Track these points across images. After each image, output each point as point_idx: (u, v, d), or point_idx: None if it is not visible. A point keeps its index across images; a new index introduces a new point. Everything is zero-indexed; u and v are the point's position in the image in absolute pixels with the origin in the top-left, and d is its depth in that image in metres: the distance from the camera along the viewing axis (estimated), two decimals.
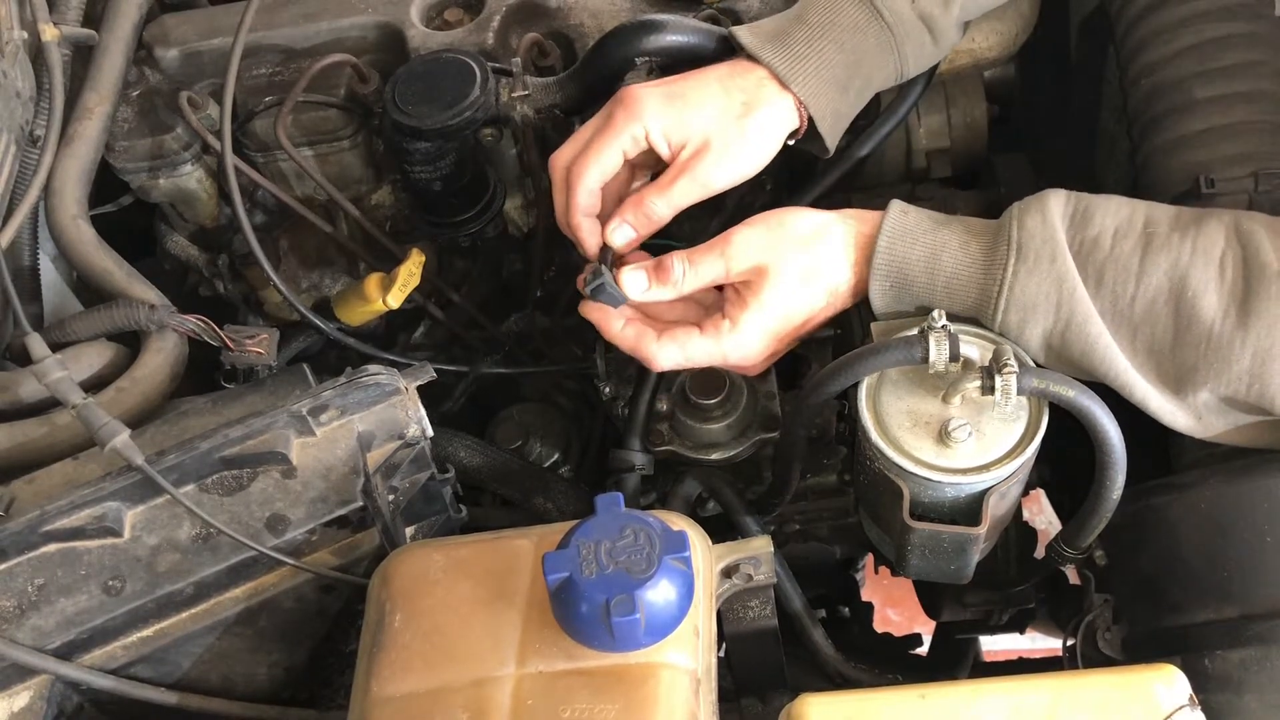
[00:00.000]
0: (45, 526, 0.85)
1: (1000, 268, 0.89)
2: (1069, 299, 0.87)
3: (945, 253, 0.91)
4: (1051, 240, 0.88)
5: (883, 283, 0.92)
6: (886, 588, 1.81)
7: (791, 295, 0.94)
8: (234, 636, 0.90)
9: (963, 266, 0.91)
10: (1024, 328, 0.89)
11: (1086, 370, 0.88)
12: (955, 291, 0.91)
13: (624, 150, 0.97)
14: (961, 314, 0.92)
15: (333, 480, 0.89)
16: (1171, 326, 0.85)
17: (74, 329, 1.00)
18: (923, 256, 0.92)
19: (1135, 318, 0.86)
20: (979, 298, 0.90)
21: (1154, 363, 0.86)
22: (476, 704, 0.73)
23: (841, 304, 0.96)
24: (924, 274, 0.91)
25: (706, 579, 0.79)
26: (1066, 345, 0.88)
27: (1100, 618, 0.97)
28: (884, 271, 0.92)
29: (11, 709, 0.84)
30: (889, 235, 0.92)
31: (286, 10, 1.21)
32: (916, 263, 0.92)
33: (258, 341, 1.02)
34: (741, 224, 0.96)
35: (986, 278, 0.90)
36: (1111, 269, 0.86)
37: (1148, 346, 0.86)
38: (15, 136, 1.04)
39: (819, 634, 1.07)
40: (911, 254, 0.92)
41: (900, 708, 0.74)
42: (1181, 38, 1.03)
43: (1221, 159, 0.98)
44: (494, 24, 1.18)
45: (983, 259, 0.90)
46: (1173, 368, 0.85)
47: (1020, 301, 0.88)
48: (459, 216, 1.17)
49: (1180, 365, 0.85)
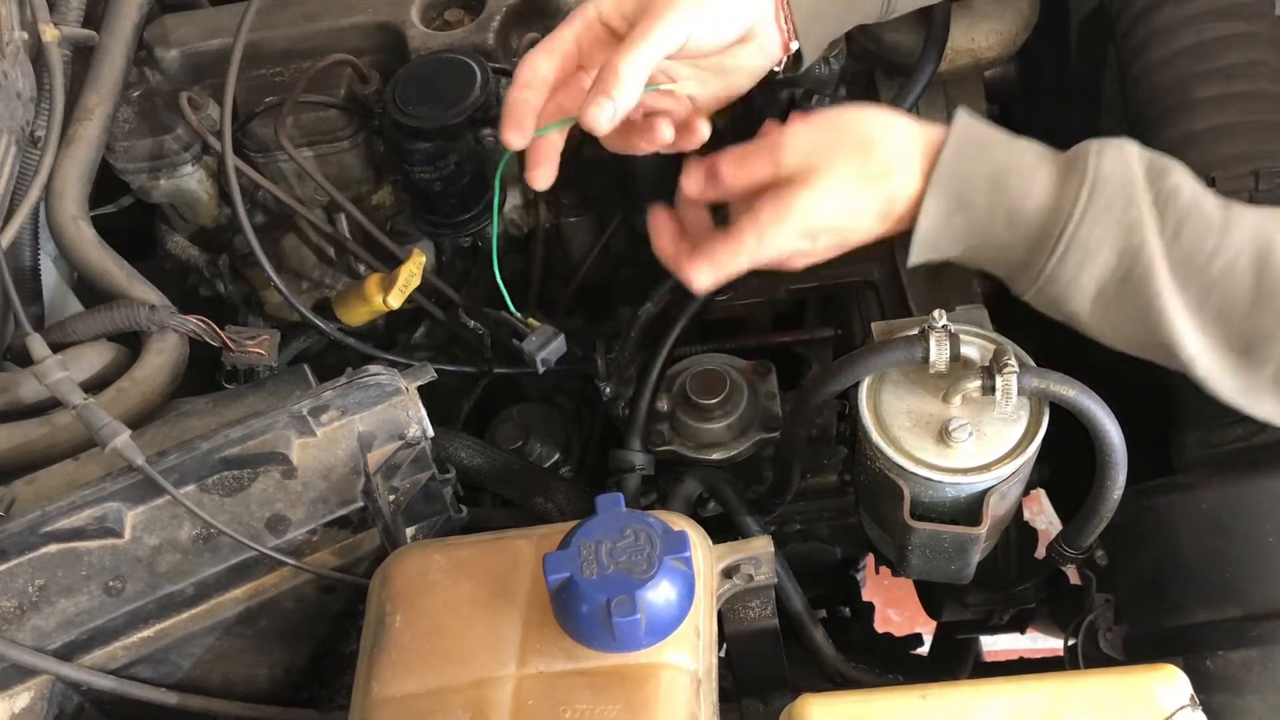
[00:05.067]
0: (46, 527, 0.85)
1: (1071, 202, 0.82)
2: (1136, 249, 0.81)
3: (1013, 175, 0.84)
4: (1129, 184, 0.82)
5: (939, 199, 0.84)
6: (887, 588, 1.81)
7: (844, 195, 0.85)
8: (234, 637, 0.90)
9: (1031, 194, 0.83)
10: (1081, 271, 0.82)
11: (1138, 321, 0.83)
12: (1016, 220, 0.83)
13: (575, 33, 0.90)
14: (1014, 249, 0.84)
15: (333, 481, 0.89)
16: (1251, 289, 0.79)
17: (74, 329, 1.00)
18: (989, 174, 0.84)
19: (1212, 275, 0.80)
20: (1040, 232, 0.83)
21: (1221, 325, 0.81)
22: (477, 704, 0.73)
23: (898, 216, 0.86)
24: (986, 195, 0.83)
25: (707, 579, 0.79)
26: (1122, 295, 0.82)
27: (1101, 618, 0.97)
28: (944, 186, 0.84)
29: (12, 709, 0.84)
30: (955, 145, 0.84)
31: (287, 11, 1.21)
32: (980, 182, 0.83)
33: (258, 342, 1.02)
34: (796, 122, 0.87)
35: (1055, 210, 0.82)
36: (1192, 221, 0.81)
37: (1219, 308, 0.80)
38: (16, 137, 1.04)
39: (820, 634, 1.07)
40: (978, 170, 0.84)
41: (901, 708, 0.74)
42: (1181, 38, 1.03)
43: (1222, 158, 0.98)
44: (494, 24, 1.18)
45: (1054, 189, 0.83)
46: (1242, 333, 0.80)
47: (1084, 243, 0.81)
48: (459, 217, 1.17)
49: (1253, 331, 0.80)
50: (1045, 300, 0.85)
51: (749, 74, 0.94)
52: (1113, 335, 0.85)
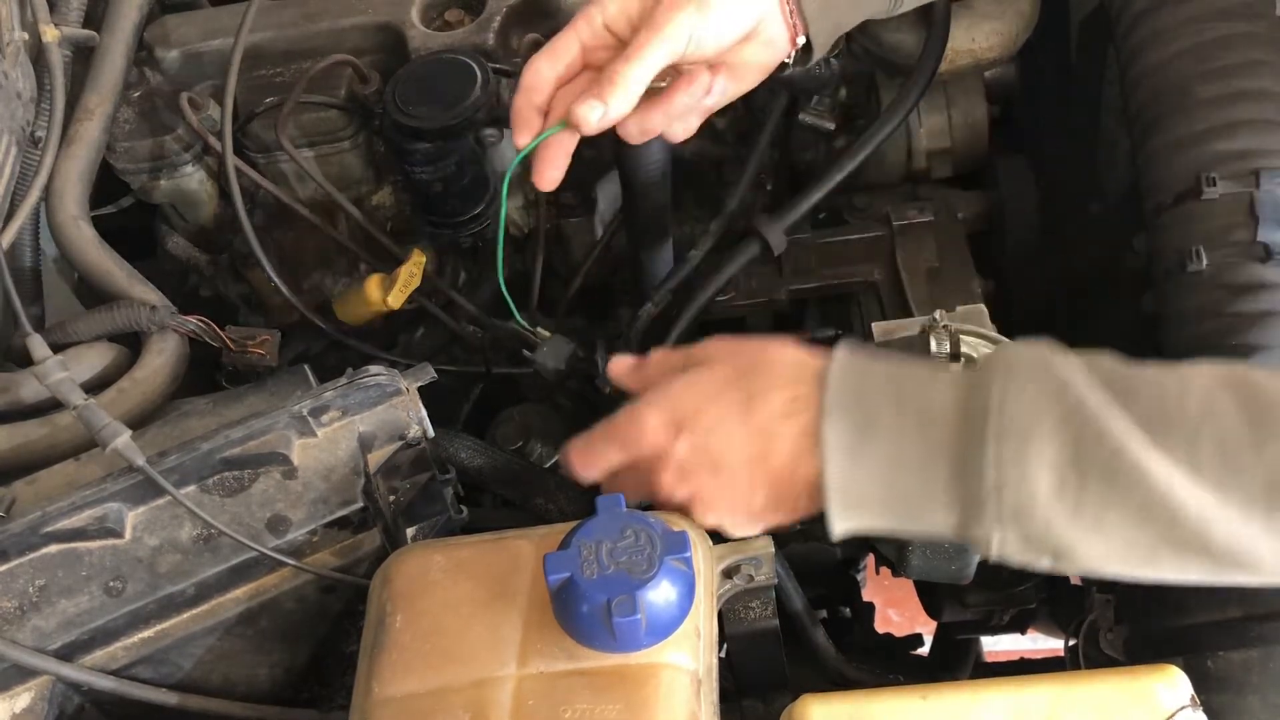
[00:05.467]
0: (46, 527, 0.85)
1: (986, 384, 0.70)
2: (1074, 410, 0.67)
3: (909, 382, 0.73)
4: (1044, 357, 0.71)
5: (839, 425, 0.72)
6: (887, 588, 1.80)
7: (713, 390, 0.78)
8: (235, 637, 0.90)
9: (940, 390, 0.72)
10: (1026, 462, 0.67)
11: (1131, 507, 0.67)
12: (930, 423, 0.71)
13: (580, 37, 0.88)
14: (940, 463, 0.70)
15: (334, 481, 0.89)
16: (1243, 416, 0.66)
17: (75, 330, 1.00)
18: (883, 386, 0.73)
19: (1191, 415, 0.66)
20: (963, 429, 0.70)
21: (1232, 470, 0.65)
22: (477, 704, 0.73)
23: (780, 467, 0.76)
24: (890, 408, 0.72)
25: (707, 579, 0.79)
26: (1085, 476, 0.67)
27: (1102, 618, 0.97)
28: (839, 408, 0.73)
29: (13, 710, 0.84)
30: (840, 365, 0.75)
31: (287, 11, 1.22)
32: (879, 396, 0.73)
33: (259, 343, 1.02)
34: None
35: (969, 400, 0.70)
36: (1142, 377, 0.69)
37: (1218, 447, 0.65)
38: (16, 138, 1.04)
39: (820, 634, 1.07)
40: (872, 375, 0.74)
41: (901, 708, 0.74)
42: (1182, 38, 1.03)
43: (1223, 158, 0.98)
44: (494, 24, 1.18)
45: (961, 380, 0.72)
46: (1262, 470, 0.64)
47: (1014, 425, 0.68)
48: (460, 217, 1.17)
49: (1273, 462, 0.64)
50: (1019, 536, 0.69)
51: (757, 69, 0.93)
52: (1108, 552, 0.69)
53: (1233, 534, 0.65)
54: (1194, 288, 0.97)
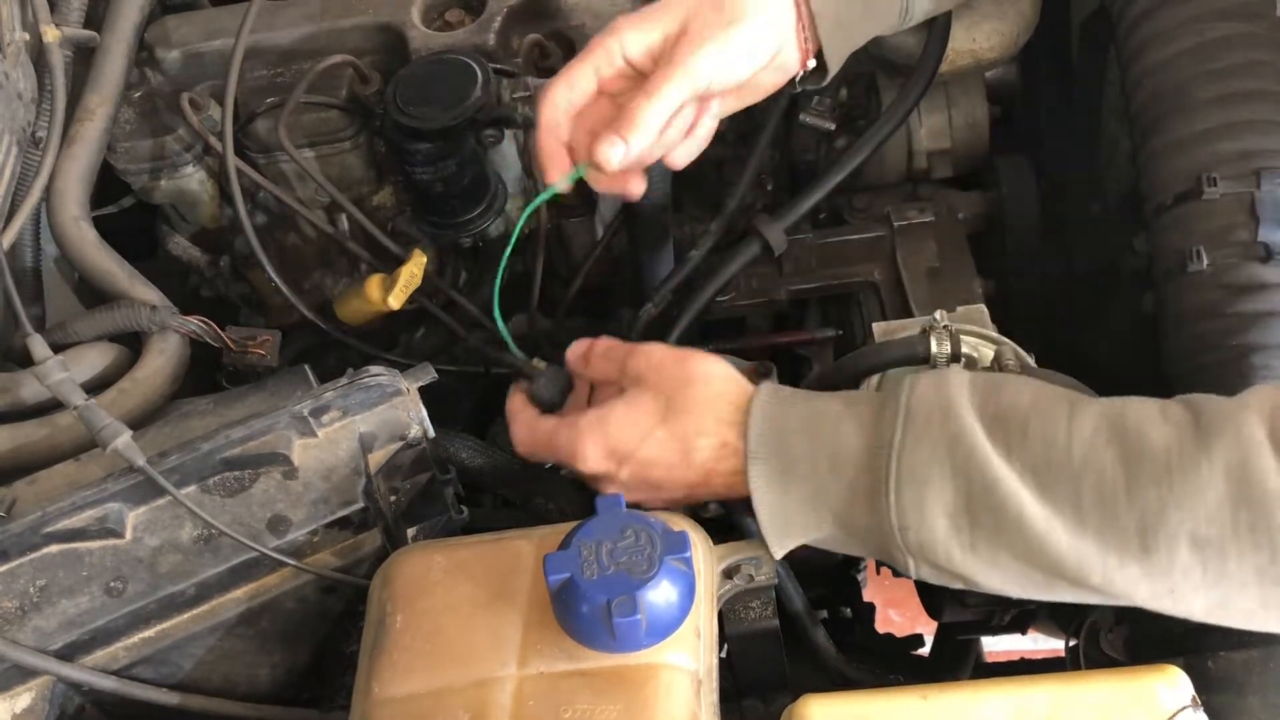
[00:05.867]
0: (47, 528, 0.85)
1: (889, 433, 0.76)
2: (965, 464, 0.73)
3: (824, 422, 0.79)
4: (946, 403, 0.76)
5: (763, 467, 0.80)
6: (888, 588, 1.80)
7: (642, 416, 0.85)
8: (236, 637, 0.90)
9: (847, 435, 0.78)
10: (923, 507, 0.74)
11: (1011, 552, 0.73)
12: (841, 466, 0.78)
13: (597, 69, 0.89)
14: (854, 501, 0.77)
15: (334, 481, 0.89)
16: (1120, 465, 0.71)
17: (76, 330, 1.00)
18: (801, 423, 0.80)
19: (1074, 465, 0.72)
20: (869, 474, 0.76)
21: (1109, 517, 0.71)
22: (478, 705, 0.73)
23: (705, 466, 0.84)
24: (805, 444, 0.79)
25: (708, 580, 0.79)
26: (976, 523, 0.74)
27: (1102, 618, 0.96)
28: (762, 451, 0.80)
29: (14, 710, 0.84)
30: (761, 409, 0.82)
31: (288, 11, 1.21)
32: (795, 431, 0.80)
33: (259, 343, 1.02)
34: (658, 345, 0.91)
35: (874, 448, 0.77)
36: (1038, 420, 0.74)
37: (1097, 497, 0.71)
38: (17, 138, 1.05)
39: (821, 635, 1.07)
40: (789, 420, 0.80)
41: (902, 709, 0.74)
42: (1182, 39, 1.03)
43: (1223, 158, 0.98)
44: (495, 25, 1.18)
45: (870, 425, 0.78)
46: (1134, 517, 0.70)
47: (912, 474, 0.75)
48: (461, 217, 1.17)
49: (1143, 510, 0.70)
50: (928, 565, 0.77)
51: (766, 89, 0.95)
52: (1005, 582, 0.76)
53: (1109, 578, 0.72)
54: (1194, 288, 0.97)
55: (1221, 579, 0.70)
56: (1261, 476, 0.68)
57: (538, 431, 0.92)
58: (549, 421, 0.92)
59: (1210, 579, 0.70)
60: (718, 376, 0.86)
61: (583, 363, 0.96)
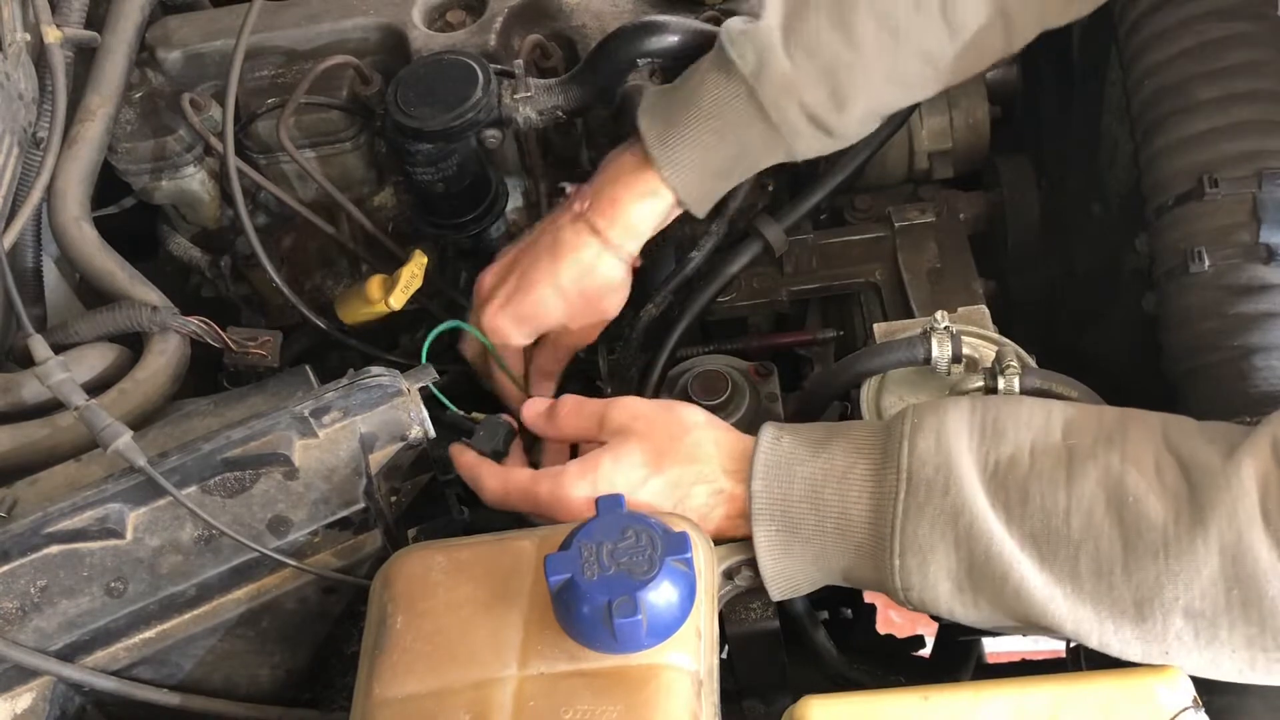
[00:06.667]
0: (48, 528, 0.85)
1: (892, 500, 0.78)
2: (966, 535, 0.75)
3: (829, 486, 0.80)
4: (945, 466, 0.77)
5: (767, 529, 0.81)
6: None
7: (636, 471, 0.86)
8: (236, 638, 0.90)
9: (851, 500, 0.79)
10: (926, 574, 0.77)
11: (1013, 615, 0.77)
12: (845, 530, 0.79)
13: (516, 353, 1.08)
14: (858, 560, 0.80)
15: (335, 482, 0.89)
16: (1119, 538, 0.73)
17: (76, 331, 1.00)
18: (805, 489, 0.81)
19: (1074, 535, 0.74)
20: (872, 538, 0.79)
21: (1105, 587, 0.73)
22: (478, 705, 0.73)
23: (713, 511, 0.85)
24: (809, 511, 0.80)
25: (708, 580, 0.79)
26: (979, 588, 0.76)
27: None
28: (766, 514, 0.81)
29: (14, 710, 0.84)
30: (764, 468, 0.82)
31: (289, 12, 1.22)
32: (800, 499, 0.80)
33: (260, 343, 1.02)
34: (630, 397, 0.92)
35: (878, 515, 0.78)
36: (1037, 484, 0.75)
37: (1094, 568, 0.73)
38: (18, 138, 1.05)
39: (821, 635, 1.07)
40: (793, 484, 0.81)
41: (903, 709, 0.74)
42: (1183, 39, 1.03)
43: (1225, 158, 0.98)
44: (496, 25, 1.18)
45: (873, 488, 0.79)
46: (1130, 590, 0.73)
47: (915, 542, 0.77)
48: (461, 218, 1.17)
49: (1140, 584, 0.72)
50: (922, 607, 0.81)
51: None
52: (1009, 631, 0.80)
53: (1106, 641, 0.75)
54: (1195, 288, 0.97)
55: (1213, 643, 0.73)
56: (1255, 555, 0.70)
57: (511, 482, 0.90)
58: (524, 473, 0.90)
59: (1202, 644, 0.73)
60: (708, 425, 0.88)
61: (546, 422, 0.94)
